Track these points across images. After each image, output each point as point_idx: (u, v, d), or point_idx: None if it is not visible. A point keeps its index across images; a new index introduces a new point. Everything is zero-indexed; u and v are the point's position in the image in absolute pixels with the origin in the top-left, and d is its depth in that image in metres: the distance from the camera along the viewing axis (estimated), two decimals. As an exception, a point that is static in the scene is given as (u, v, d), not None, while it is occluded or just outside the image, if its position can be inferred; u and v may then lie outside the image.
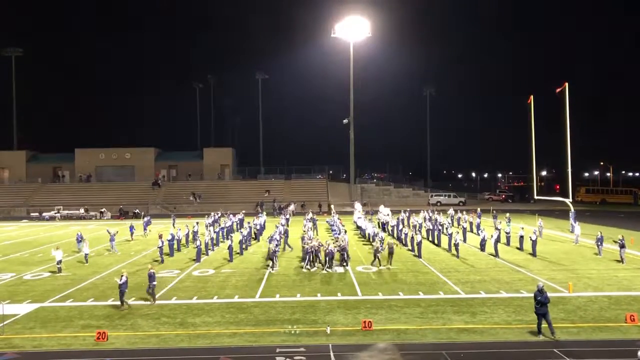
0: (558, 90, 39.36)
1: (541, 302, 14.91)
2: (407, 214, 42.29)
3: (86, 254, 27.97)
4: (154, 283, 19.09)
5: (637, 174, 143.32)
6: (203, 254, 28.76)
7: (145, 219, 43.30)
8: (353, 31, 66.70)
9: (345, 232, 31.35)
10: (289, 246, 31.52)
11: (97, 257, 29.72)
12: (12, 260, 29.19)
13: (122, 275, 18.45)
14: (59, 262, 25.12)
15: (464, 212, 42.44)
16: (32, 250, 33.29)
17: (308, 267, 25.24)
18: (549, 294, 19.70)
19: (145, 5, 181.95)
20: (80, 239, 31.46)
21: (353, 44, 67.78)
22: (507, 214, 40.69)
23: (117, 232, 33.46)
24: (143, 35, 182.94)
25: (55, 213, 59.10)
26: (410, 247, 30.72)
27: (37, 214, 60.03)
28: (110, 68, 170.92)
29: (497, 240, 28.63)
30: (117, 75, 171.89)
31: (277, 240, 29.00)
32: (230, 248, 28.07)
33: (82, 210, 60.17)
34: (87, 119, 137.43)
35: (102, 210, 59.93)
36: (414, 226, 36.44)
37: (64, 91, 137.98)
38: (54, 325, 16.78)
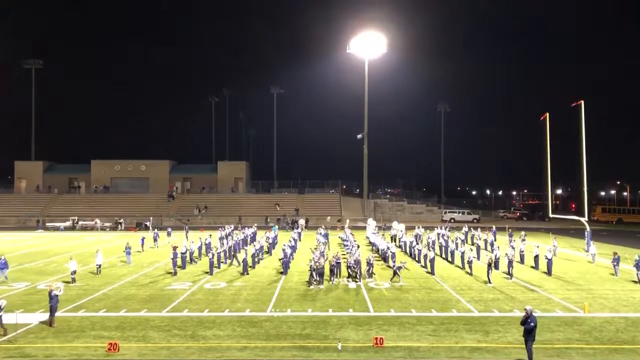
0: (574, 105, 39.02)
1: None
2: (422, 230, 42.08)
3: (99, 265, 28.13)
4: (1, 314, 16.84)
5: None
6: (215, 266, 28.79)
7: (168, 229, 44.06)
8: (368, 47, 66.66)
9: (358, 247, 31.29)
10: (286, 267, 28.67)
11: (110, 269, 29.88)
12: (26, 270, 29.46)
13: (59, 289, 18.41)
14: (73, 272, 25.35)
15: (478, 229, 42.10)
16: (47, 260, 33.59)
17: (334, 280, 25.37)
18: (564, 314, 19.42)
19: (162, 20, 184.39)
20: (3, 266, 25.55)
21: (368, 60, 67.90)
22: (523, 232, 40.22)
23: (153, 234, 34.68)
24: (160, 49, 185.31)
25: (65, 223, 59.90)
26: (422, 264, 30.52)
27: (35, 224, 60.75)
28: (127, 81, 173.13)
29: (511, 260, 28.22)
30: (134, 88, 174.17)
31: (289, 255, 29.23)
32: (244, 261, 28.08)
33: (73, 222, 60.70)
34: (103, 131, 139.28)
35: (118, 220, 60.58)
36: (427, 243, 36.26)
37: (81, 103, 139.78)
38: (66, 335, 16.87)
